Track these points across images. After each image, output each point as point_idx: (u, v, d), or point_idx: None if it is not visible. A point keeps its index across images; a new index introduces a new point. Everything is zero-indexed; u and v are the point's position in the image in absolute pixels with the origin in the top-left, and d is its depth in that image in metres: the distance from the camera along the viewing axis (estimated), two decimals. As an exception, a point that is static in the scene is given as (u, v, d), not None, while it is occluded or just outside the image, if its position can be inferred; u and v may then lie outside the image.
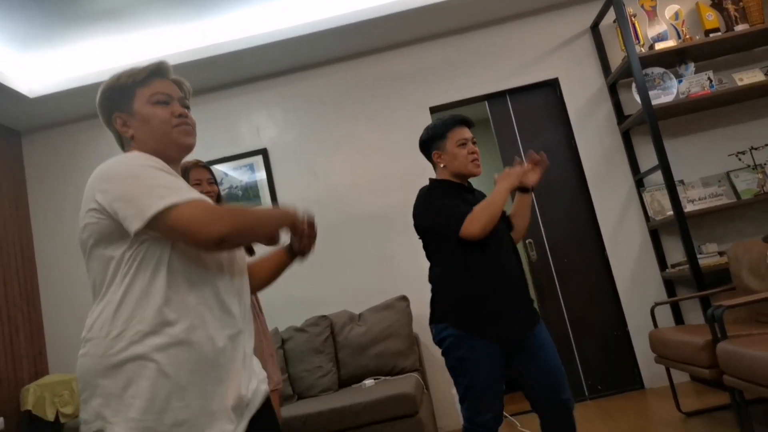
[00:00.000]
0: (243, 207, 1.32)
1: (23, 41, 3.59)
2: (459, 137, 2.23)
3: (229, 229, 1.21)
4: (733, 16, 3.91)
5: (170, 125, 1.38)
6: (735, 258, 3.29)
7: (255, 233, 1.33)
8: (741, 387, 2.44)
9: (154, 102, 1.39)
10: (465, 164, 2.22)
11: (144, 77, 1.41)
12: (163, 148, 1.38)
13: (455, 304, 2.14)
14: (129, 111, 1.39)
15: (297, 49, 4.06)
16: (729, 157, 4.00)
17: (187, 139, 1.40)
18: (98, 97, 1.42)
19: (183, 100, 1.45)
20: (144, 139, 1.38)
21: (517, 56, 4.27)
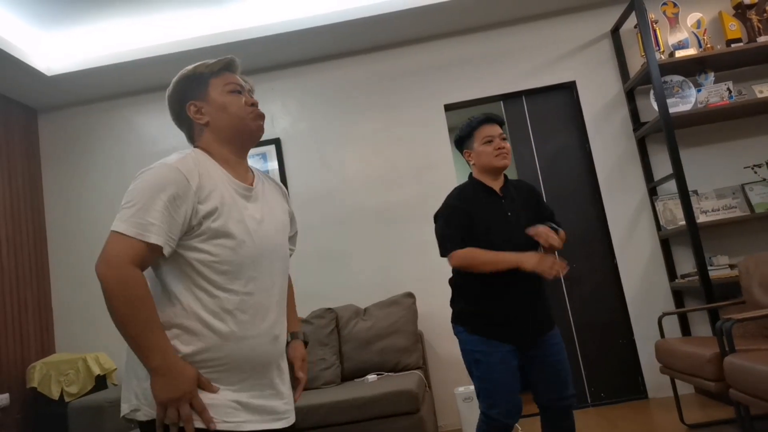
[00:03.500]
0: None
1: (43, 19, 3.60)
2: (484, 135, 2.32)
3: (102, 278, 1.22)
4: (756, 26, 3.87)
5: (246, 111, 1.44)
6: (746, 271, 3.26)
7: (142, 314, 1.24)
8: (747, 402, 2.42)
9: (230, 91, 1.45)
10: (490, 159, 2.29)
11: (218, 69, 1.48)
12: (237, 134, 1.44)
13: (469, 311, 2.27)
14: (204, 99, 1.44)
15: (314, 40, 4.06)
16: (744, 169, 3.97)
17: (261, 124, 1.47)
18: (170, 89, 1.46)
19: (251, 93, 1.52)
20: (220, 126, 1.43)
21: (534, 57, 4.24)
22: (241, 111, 1.44)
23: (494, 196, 2.30)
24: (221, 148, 1.44)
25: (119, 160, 4.36)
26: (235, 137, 1.44)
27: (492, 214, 2.25)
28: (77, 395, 3.59)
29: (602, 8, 4.23)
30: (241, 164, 1.47)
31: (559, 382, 2.23)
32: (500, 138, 2.31)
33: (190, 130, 1.48)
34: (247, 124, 1.44)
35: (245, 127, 1.44)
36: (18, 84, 3.96)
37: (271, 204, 1.50)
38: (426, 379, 3.59)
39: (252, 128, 1.45)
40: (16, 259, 3.93)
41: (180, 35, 3.87)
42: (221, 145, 1.44)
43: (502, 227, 2.22)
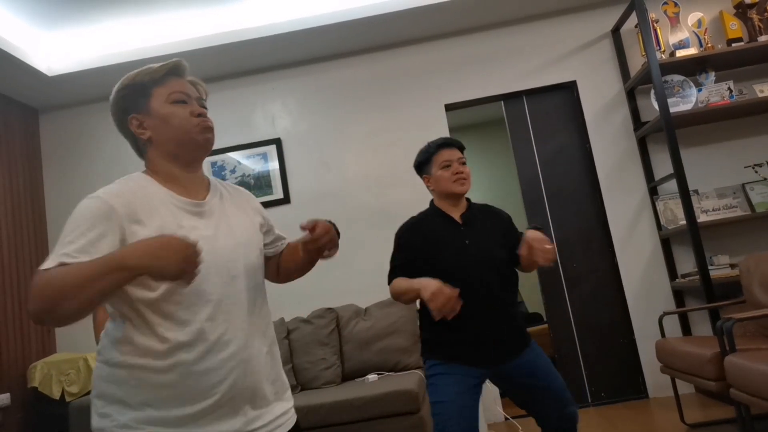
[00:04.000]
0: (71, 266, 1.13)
1: (44, 19, 3.61)
2: (443, 159, 2.23)
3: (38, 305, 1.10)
4: (757, 26, 3.86)
5: (191, 124, 1.32)
6: (747, 271, 3.26)
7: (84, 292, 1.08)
8: (747, 401, 2.42)
9: (173, 101, 1.33)
10: (448, 185, 2.20)
11: (161, 75, 1.35)
12: (183, 148, 1.33)
13: (431, 338, 2.17)
14: (146, 111, 1.33)
15: (315, 40, 4.06)
16: (745, 169, 3.96)
17: (207, 136, 1.35)
18: (112, 98, 1.36)
19: (200, 101, 1.40)
20: (163, 141, 1.32)
21: (535, 57, 4.24)
22: (186, 123, 1.31)
23: (452, 224, 2.20)
24: (167, 164, 1.33)
25: (120, 160, 4.36)
26: (180, 152, 1.33)
27: (448, 242, 2.15)
28: (78, 395, 3.59)
29: (603, 8, 4.23)
30: (192, 179, 1.36)
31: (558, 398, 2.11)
32: (459, 162, 2.23)
33: (134, 145, 1.38)
34: (192, 137, 1.32)
35: (190, 140, 1.32)
36: (19, 84, 3.97)
37: (231, 218, 1.38)
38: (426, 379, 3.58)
39: (198, 142, 1.33)
40: (17, 259, 3.94)
41: (181, 35, 3.88)
42: (166, 160, 1.33)
43: (458, 256, 2.12)
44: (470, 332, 2.08)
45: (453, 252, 2.14)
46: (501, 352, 2.11)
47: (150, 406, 1.21)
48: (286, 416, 1.40)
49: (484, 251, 2.14)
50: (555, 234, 4.13)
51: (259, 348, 1.34)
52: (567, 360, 4.01)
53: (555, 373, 2.16)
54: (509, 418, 3.79)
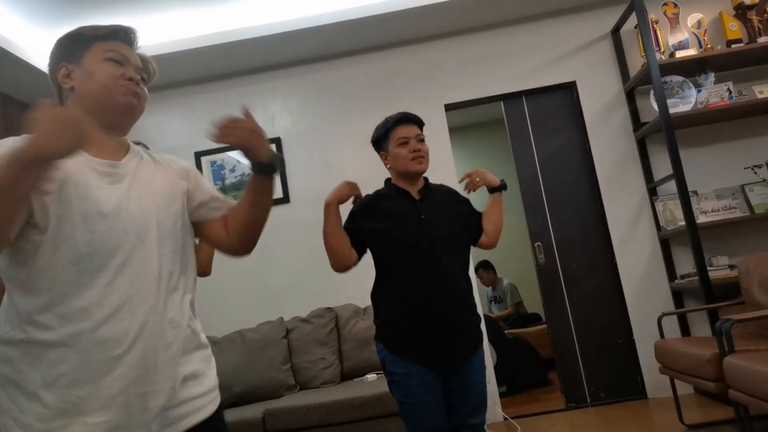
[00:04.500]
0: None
1: (43, 17, 3.60)
2: (399, 135, 2.15)
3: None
4: (756, 27, 3.87)
5: (115, 82, 1.26)
6: (746, 272, 3.27)
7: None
8: (746, 402, 2.42)
9: (107, 58, 1.28)
10: (405, 163, 2.11)
11: (106, 33, 1.31)
12: (101, 107, 1.26)
13: (385, 320, 2.08)
14: (77, 62, 1.27)
15: (315, 39, 4.06)
16: (744, 170, 3.97)
17: (129, 98, 1.28)
18: (53, 45, 1.31)
19: (141, 72, 1.34)
20: (83, 94, 1.26)
21: (535, 57, 4.24)
22: (110, 81, 1.25)
23: (409, 200, 2.12)
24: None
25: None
26: (100, 110, 1.26)
27: (405, 217, 2.07)
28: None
29: (603, 8, 4.23)
30: (109, 141, 1.28)
31: (471, 406, 2.04)
32: (417, 139, 2.13)
33: (58, 95, 1.31)
34: (113, 96, 1.25)
35: (110, 99, 1.25)
36: (17, 81, 3.96)
37: (148, 181, 1.30)
38: (425, 379, 3.59)
39: (118, 102, 1.26)
40: None
41: (180, 34, 3.87)
42: (85, 115, 1.24)
43: (415, 229, 2.04)
44: (426, 312, 1.98)
45: (411, 227, 2.05)
46: (457, 349, 2.01)
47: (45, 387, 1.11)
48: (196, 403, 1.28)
49: (442, 226, 2.07)
50: (554, 234, 4.13)
51: (168, 320, 1.23)
52: (566, 360, 4.01)
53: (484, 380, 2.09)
54: (508, 418, 3.79)
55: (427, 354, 1.98)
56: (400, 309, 2.03)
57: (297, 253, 4.10)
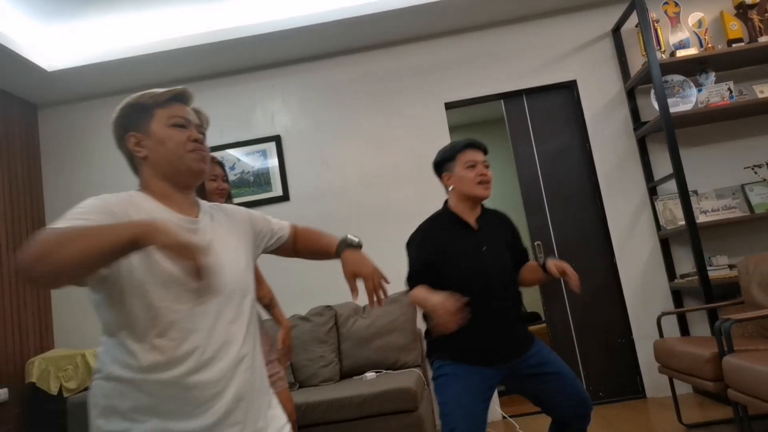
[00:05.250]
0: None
1: (44, 14, 3.60)
2: (468, 159, 2.21)
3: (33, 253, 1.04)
4: (757, 26, 3.86)
5: (185, 149, 1.36)
6: (745, 272, 3.26)
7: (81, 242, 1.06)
8: (745, 402, 2.42)
9: (172, 124, 1.37)
10: (472, 187, 2.18)
11: (165, 99, 1.40)
12: (175, 172, 1.36)
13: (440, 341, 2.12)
14: (145, 131, 1.37)
15: (315, 37, 4.05)
16: (745, 169, 3.97)
17: (199, 164, 1.38)
18: (115, 115, 1.40)
19: (200, 128, 1.45)
20: (157, 161, 1.36)
21: (535, 56, 4.24)
22: (180, 148, 1.35)
23: (468, 230, 2.19)
24: (160, 182, 1.37)
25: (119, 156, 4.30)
26: (173, 174, 1.36)
27: (465, 249, 2.15)
28: (76, 390, 3.59)
29: (603, 7, 4.22)
30: (184, 199, 1.40)
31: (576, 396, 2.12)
32: (483, 165, 2.21)
33: (130, 162, 1.42)
34: (185, 163, 1.36)
35: (182, 165, 1.36)
36: (18, 79, 3.96)
37: (221, 237, 1.41)
38: (424, 377, 3.59)
39: (191, 168, 1.37)
40: (15, 255, 3.93)
41: (181, 32, 3.87)
42: (159, 180, 1.37)
43: (476, 263, 2.13)
44: (481, 338, 2.08)
45: (471, 260, 2.13)
46: (509, 352, 2.12)
47: (154, 416, 1.23)
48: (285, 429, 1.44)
49: (499, 258, 2.17)
50: (554, 233, 4.13)
51: (251, 362, 1.37)
52: (565, 359, 4.00)
53: (565, 365, 2.17)
54: (507, 417, 3.79)
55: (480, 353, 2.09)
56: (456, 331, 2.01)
57: (296, 251, 4.09)
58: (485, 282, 2.11)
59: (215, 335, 1.29)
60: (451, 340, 2.09)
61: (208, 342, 1.27)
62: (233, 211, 1.55)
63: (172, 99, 1.41)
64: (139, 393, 1.23)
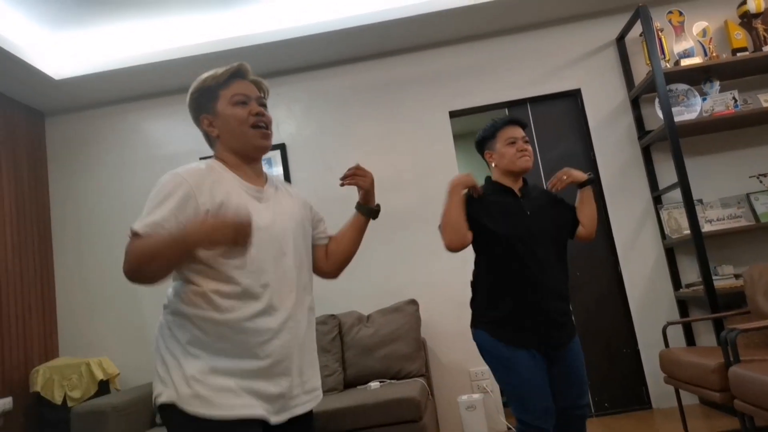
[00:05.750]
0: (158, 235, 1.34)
1: (53, 22, 3.63)
2: (508, 136, 2.30)
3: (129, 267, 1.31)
4: (761, 36, 3.86)
5: (247, 125, 1.52)
6: (751, 281, 3.25)
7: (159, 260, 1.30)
8: (752, 413, 2.40)
9: (234, 102, 1.52)
10: (513, 161, 2.27)
11: (226, 79, 1.55)
12: (242, 146, 1.53)
13: (487, 310, 2.22)
14: (214, 112, 1.54)
15: (320, 46, 4.07)
16: (750, 178, 3.95)
17: (261, 141, 1.54)
18: (187, 100, 1.57)
19: (261, 99, 1.58)
20: (226, 139, 1.54)
21: (540, 65, 4.25)
22: (243, 126, 1.51)
23: (512, 195, 2.28)
24: (232, 156, 1.54)
25: (125, 165, 4.38)
26: (241, 148, 1.54)
27: (510, 211, 2.23)
28: (80, 400, 3.59)
29: (608, 16, 4.23)
30: (253, 169, 1.57)
31: (577, 390, 2.20)
32: (523, 140, 2.30)
33: (207, 139, 1.59)
34: (249, 140, 1.52)
35: (247, 141, 1.53)
36: (25, 87, 3.99)
37: (284, 205, 1.58)
38: (429, 387, 3.57)
39: (255, 145, 1.54)
40: (21, 262, 3.94)
41: (187, 40, 3.90)
42: (231, 153, 1.54)
43: (522, 224, 2.20)
44: (526, 301, 2.14)
45: (516, 221, 2.20)
46: (556, 332, 2.17)
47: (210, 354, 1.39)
48: (317, 391, 1.60)
49: (543, 221, 2.23)
50: (558, 242, 4.12)
51: (302, 320, 1.52)
52: (570, 369, 3.99)
53: (583, 363, 2.24)
54: (511, 428, 3.77)
55: (528, 338, 2.13)
56: (500, 297, 2.18)
57: (301, 260, 4.09)
58: (532, 245, 2.17)
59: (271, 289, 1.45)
60: (497, 305, 2.17)
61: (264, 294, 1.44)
62: (296, 190, 1.74)
63: (232, 76, 1.56)
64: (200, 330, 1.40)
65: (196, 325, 1.39)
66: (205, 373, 1.37)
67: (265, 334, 1.42)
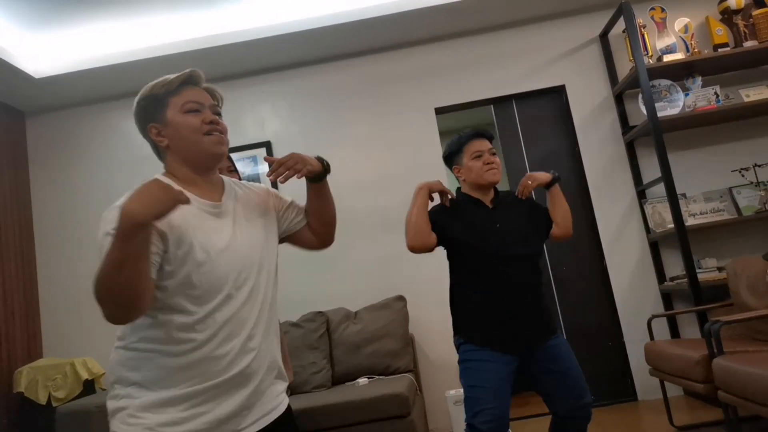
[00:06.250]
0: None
1: (31, 20, 3.58)
2: (474, 149, 2.29)
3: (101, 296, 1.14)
4: (742, 32, 3.91)
5: (200, 133, 1.40)
6: (734, 274, 3.29)
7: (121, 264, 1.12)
8: (735, 403, 2.44)
9: (186, 111, 1.41)
10: (480, 174, 2.26)
11: (177, 86, 1.43)
12: (195, 156, 1.41)
13: (463, 319, 2.26)
14: (162, 121, 1.41)
15: (305, 43, 4.05)
16: (732, 172, 4.00)
17: (217, 147, 1.42)
18: (134, 108, 1.45)
19: (214, 108, 1.47)
20: (177, 149, 1.41)
21: (524, 62, 4.26)
22: (196, 134, 1.39)
23: (483, 208, 2.28)
24: (184, 168, 1.41)
25: (107, 164, 4.33)
26: (194, 159, 1.41)
27: (479, 225, 2.23)
28: (65, 400, 3.55)
29: (591, 13, 4.26)
30: (207, 182, 1.45)
31: (575, 391, 2.19)
32: (490, 153, 2.29)
33: (155, 150, 1.47)
34: (203, 148, 1.40)
35: (201, 150, 1.40)
36: (5, 86, 3.93)
37: (244, 218, 1.47)
38: (417, 383, 3.58)
39: (210, 152, 1.41)
40: (2, 263, 3.89)
41: (170, 38, 3.86)
42: (183, 165, 1.41)
43: (491, 238, 2.19)
44: (502, 312, 2.15)
45: (485, 234, 2.20)
46: (530, 334, 2.18)
47: (163, 387, 1.29)
48: (280, 398, 1.50)
49: (515, 233, 2.23)
50: (544, 237, 4.15)
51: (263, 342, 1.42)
52: (557, 363, 4.02)
53: (575, 363, 2.22)
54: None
55: (500, 336, 2.15)
56: (474, 304, 2.21)
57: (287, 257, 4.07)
58: (502, 257, 2.16)
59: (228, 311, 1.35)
60: (473, 319, 2.20)
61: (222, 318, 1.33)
62: (258, 186, 1.62)
63: (184, 83, 1.44)
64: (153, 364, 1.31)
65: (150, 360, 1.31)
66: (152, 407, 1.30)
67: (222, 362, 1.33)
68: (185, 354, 1.30)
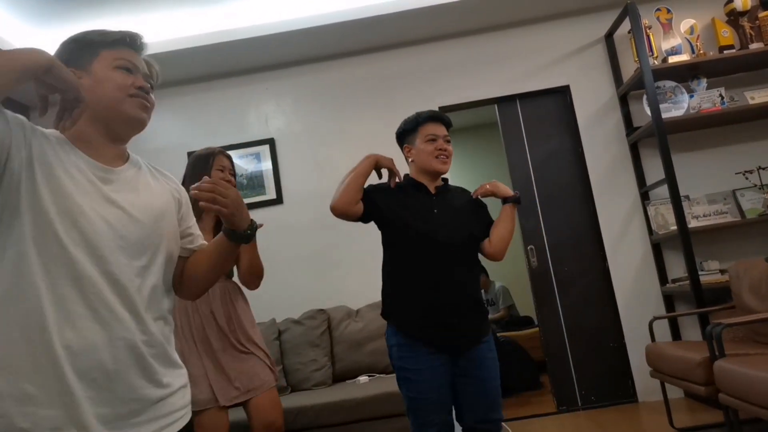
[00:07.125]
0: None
1: (36, 16, 3.58)
2: (429, 132, 2.19)
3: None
4: (748, 34, 3.90)
5: (125, 92, 1.25)
6: (736, 276, 3.28)
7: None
8: (736, 406, 2.43)
9: (117, 66, 1.26)
10: (429, 160, 2.16)
11: (114, 39, 1.29)
12: (111, 117, 1.25)
13: (394, 306, 2.14)
14: (85, 68, 1.25)
15: (310, 40, 4.05)
16: (736, 175, 3.99)
17: (139, 112, 1.27)
18: (58, 47, 1.29)
19: (148, 79, 1.33)
20: (92, 101, 1.21)
21: (529, 61, 4.26)
22: (120, 92, 1.24)
23: (424, 192, 2.17)
24: (89, 127, 1.24)
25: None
26: (107, 119, 1.25)
27: (416, 207, 2.12)
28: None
29: (596, 13, 4.25)
30: (108, 148, 1.27)
31: (487, 402, 2.07)
32: (444, 139, 2.18)
33: None
34: (124, 109, 1.24)
35: (121, 110, 1.24)
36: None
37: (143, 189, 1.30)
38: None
39: (129, 115, 1.26)
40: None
41: (173, 34, 3.86)
42: (90, 124, 1.24)
43: (425, 222, 2.09)
44: (431, 302, 2.04)
45: (420, 217, 2.11)
46: (461, 332, 2.07)
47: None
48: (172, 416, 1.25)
49: (450, 224, 2.12)
50: (546, 237, 4.14)
51: (136, 330, 1.19)
52: (557, 363, 4.02)
53: (497, 378, 2.11)
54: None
55: (431, 332, 2.04)
56: (404, 290, 2.10)
57: (289, 255, 4.09)
58: (434, 243, 2.06)
59: (93, 289, 1.14)
60: (404, 307, 2.09)
61: (78, 298, 1.13)
62: (169, 178, 1.44)
63: (121, 41, 1.30)
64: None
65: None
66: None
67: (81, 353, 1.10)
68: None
